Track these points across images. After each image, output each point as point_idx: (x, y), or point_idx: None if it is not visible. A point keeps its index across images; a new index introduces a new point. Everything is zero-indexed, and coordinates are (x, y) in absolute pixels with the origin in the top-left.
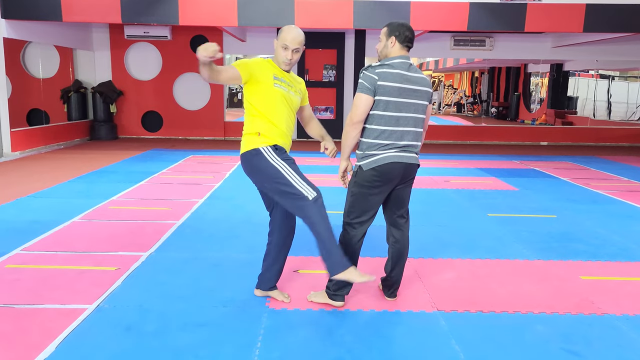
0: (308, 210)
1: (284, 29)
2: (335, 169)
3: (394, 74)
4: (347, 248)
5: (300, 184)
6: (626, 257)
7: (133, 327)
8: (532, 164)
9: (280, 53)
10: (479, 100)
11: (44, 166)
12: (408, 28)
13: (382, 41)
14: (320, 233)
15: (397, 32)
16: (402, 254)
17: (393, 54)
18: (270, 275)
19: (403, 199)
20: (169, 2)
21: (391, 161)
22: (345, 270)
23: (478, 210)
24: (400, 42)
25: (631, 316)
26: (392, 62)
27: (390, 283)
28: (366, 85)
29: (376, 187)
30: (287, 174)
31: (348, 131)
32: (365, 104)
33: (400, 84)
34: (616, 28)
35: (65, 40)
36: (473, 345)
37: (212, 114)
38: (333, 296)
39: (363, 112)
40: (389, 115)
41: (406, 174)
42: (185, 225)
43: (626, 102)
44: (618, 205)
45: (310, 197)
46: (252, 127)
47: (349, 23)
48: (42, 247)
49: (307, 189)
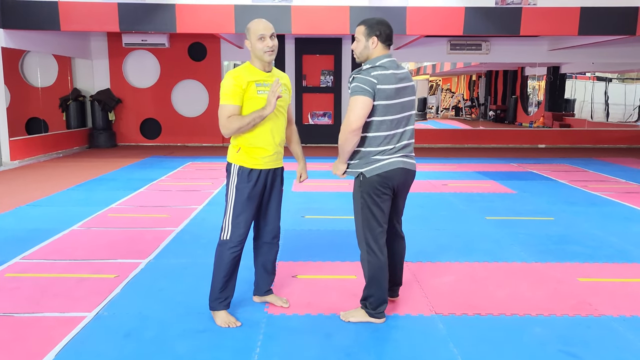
0: (218, 245)
1: (251, 24)
2: (334, 175)
3: (389, 75)
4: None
5: (229, 222)
6: (623, 258)
7: (132, 334)
8: (530, 167)
9: (259, 46)
10: (476, 103)
11: (43, 175)
12: (387, 25)
13: (360, 41)
14: (213, 270)
15: (377, 31)
16: (401, 256)
17: (376, 55)
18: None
19: (401, 208)
20: (166, 10)
21: (396, 167)
22: (217, 311)
23: (476, 214)
24: (382, 42)
25: (628, 317)
26: (383, 62)
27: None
28: (365, 88)
29: (384, 194)
30: (229, 205)
31: (348, 138)
32: (365, 106)
33: (395, 85)
34: (611, 31)
35: (64, 49)
36: (471, 348)
37: (210, 121)
38: (374, 315)
39: (363, 117)
40: (390, 119)
41: (407, 182)
42: (184, 231)
43: (623, 104)
44: (616, 207)
45: (222, 238)
46: (236, 139)
47: (345, 29)
48: (41, 256)
49: (228, 230)
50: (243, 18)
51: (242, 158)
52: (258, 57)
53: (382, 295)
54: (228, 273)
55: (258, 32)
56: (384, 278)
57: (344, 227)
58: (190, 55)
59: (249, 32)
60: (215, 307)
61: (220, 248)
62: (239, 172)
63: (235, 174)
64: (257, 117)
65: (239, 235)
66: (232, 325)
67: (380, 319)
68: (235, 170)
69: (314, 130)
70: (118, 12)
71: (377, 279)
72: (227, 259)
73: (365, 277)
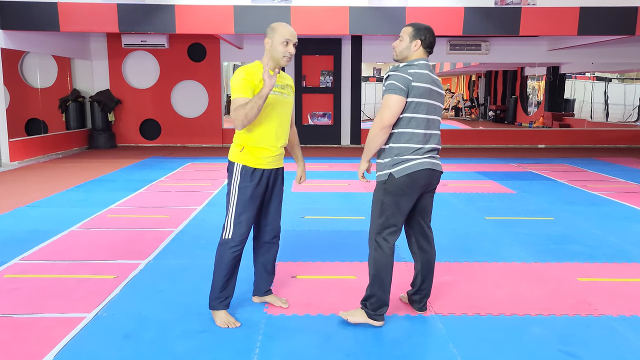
0: (219, 244)
1: (278, 26)
2: (340, 175)
3: (424, 74)
4: (381, 261)
5: (231, 221)
6: (623, 258)
7: (132, 335)
8: (530, 167)
9: (281, 49)
10: (476, 103)
11: (43, 176)
12: (433, 34)
13: (403, 40)
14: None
15: (423, 36)
16: (431, 264)
17: (414, 57)
18: (261, 280)
19: (429, 208)
20: (165, 11)
21: (424, 167)
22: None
23: (476, 214)
24: (424, 47)
25: (628, 317)
26: (419, 63)
27: (421, 296)
28: (399, 86)
29: (407, 195)
30: (231, 204)
31: (377, 134)
32: (399, 105)
33: (430, 85)
34: (610, 30)
35: (63, 50)
36: (470, 348)
37: (210, 121)
38: (374, 316)
39: (396, 115)
40: (420, 117)
41: (433, 182)
42: (184, 232)
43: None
44: (615, 207)
45: (223, 237)
46: (240, 138)
47: (345, 29)
48: (40, 257)
49: (230, 229)
50: (242, 19)
51: (246, 157)
52: (275, 59)
53: (384, 297)
54: (229, 272)
55: (284, 36)
56: (387, 278)
57: (344, 227)
58: (189, 56)
59: (274, 32)
60: (215, 306)
61: (221, 247)
62: (242, 171)
63: (238, 173)
64: (258, 98)
65: (240, 235)
66: (231, 325)
67: (379, 321)
68: (238, 170)
69: (313, 130)
70: (117, 12)
71: (380, 278)
72: (228, 259)
73: (369, 275)
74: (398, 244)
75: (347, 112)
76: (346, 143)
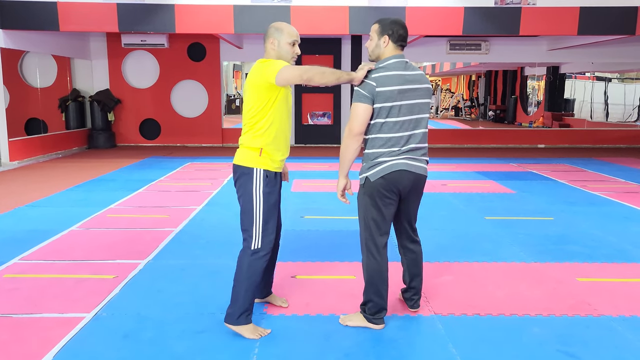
0: (242, 255)
1: (284, 26)
2: (334, 175)
3: (392, 76)
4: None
5: (259, 230)
6: (622, 258)
7: (131, 335)
8: (530, 167)
9: (289, 50)
10: (476, 103)
11: (42, 175)
12: (402, 25)
13: (372, 39)
14: (237, 281)
15: (389, 30)
16: (418, 263)
17: (386, 55)
18: (267, 282)
19: (414, 212)
20: (165, 11)
21: (400, 169)
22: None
23: (475, 214)
24: (393, 42)
25: (627, 317)
26: (387, 63)
27: (411, 294)
28: (364, 94)
29: (387, 197)
30: (257, 213)
31: (348, 144)
32: (365, 113)
33: (400, 86)
34: (610, 30)
35: (63, 49)
36: (470, 349)
37: (210, 121)
38: (373, 320)
39: (363, 123)
40: (393, 121)
41: (415, 186)
42: (183, 232)
43: (623, 104)
44: (615, 207)
45: (252, 247)
46: (256, 140)
47: (344, 29)
48: (40, 257)
49: (258, 238)
50: (242, 18)
51: (265, 161)
52: (283, 59)
53: (380, 302)
54: (258, 281)
55: (293, 36)
56: (381, 283)
57: (343, 227)
58: (189, 55)
59: (281, 32)
60: (242, 321)
61: (250, 258)
62: (265, 176)
63: (260, 179)
64: (345, 76)
65: (269, 242)
66: (264, 334)
67: (378, 325)
68: (259, 175)
69: (313, 130)
70: (117, 12)
71: (375, 284)
72: (260, 268)
73: (364, 281)
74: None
75: (347, 112)
76: None
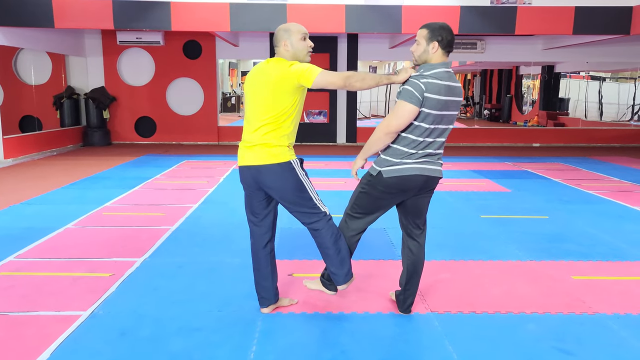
0: (322, 225)
1: (290, 26)
2: (335, 173)
3: (441, 86)
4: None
5: (319, 201)
6: (617, 256)
7: (128, 333)
8: (525, 166)
9: (303, 45)
10: (471, 102)
11: (37, 173)
12: (450, 31)
13: (420, 44)
14: (329, 248)
15: (439, 36)
16: (416, 266)
17: (434, 60)
18: (276, 284)
19: (421, 209)
20: (161, 8)
21: (414, 173)
22: (347, 283)
23: (471, 212)
24: (442, 48)
25: (622, 315)
26: (437, 72)
27: (404, 297)
28: (416, 95)
29: (390, 194)
30: (311, 191)
31: (380, 138)
32: (410, 114)
33: (445, 97)
34: (605, 30)
35: (58, 46)
36: (466, 346)
37: (205, 119)
38: (328, 286)
39: (405, 123)
40: (425, 127)
41: (426, 185)
42: (180, 230)
43: (617, 103)
44: (609, 205)
45: (328, 213)
46: (282, 138)
47: (341, 27)
48: (36, 254)
49: (323, 206)
50: (238, 16)
51: (292, 153)
52: (300, 58)
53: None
54: None
55: (302, 31)
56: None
57: None
58: (185, 53)
59: (291, 32)
60: (349, 276)
61: (331, 223)
62: (299, 164)
63: (300, 167)
64: (385, 80)
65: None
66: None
67: (330, 291)
68: (297, 165)
69: (309, 128)
70: (112, 9)
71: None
72: (337, 228)
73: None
74: (394, 242)
75: (343, 110)
76: (342, 141)
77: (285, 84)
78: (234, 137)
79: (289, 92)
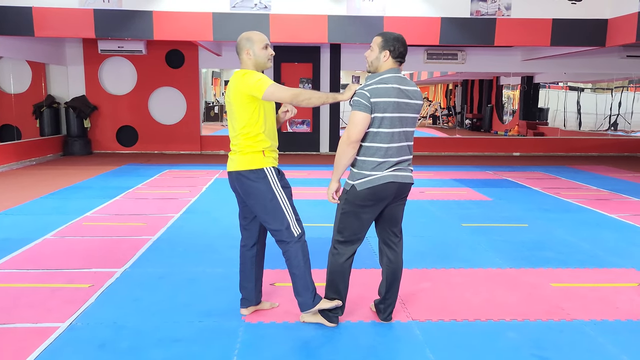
0: (290, 248)
1: (252, 34)
2: (318, 182)
3: (389, 89)
4: (335, 267)
5: (293, 220)
6: (595, 264)
7: (107, 345)
8: (505, 175)
9: (264, 54)
10: (453, 112)
11: (16, 183)
12: (403, 43)
13: (373, 51)
14: (297, 270)
15: (391, 46)
16: (396, 275)
17: (384, 68)
18: (260, 286)
19: (397, 217)
20: (143, 17)
21: (387, 181)
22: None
23: (453, 221)
24: (394, 58)
25: (599, 321)
26: (384, 77)
27: (385, 306)
28: (363, 103)
29: (368, 206)
30: (284, 206)
31: (345, 150)
32: (363, 121)
33: (396, 99)
34: (582, 42)
35: (38, 55)
36: (447, 354)
37: (188, 128)
38: (330, 317)
39: (361, 131)
40: (384, 132)
41: (400, 193)
42: (161, 240)
43: (595, 113)
44: (587, 214)
45: (296, 234)
46: (255, 144)
47: (323, 37)
48: (13, 265)
49: (296, 226)
50: (221, 26)
51: (269, 160)
52: (261, 65)
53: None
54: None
55: (264, 41)
56: (341, 285)
57: (322, 234)
58: (167, 62)
59: (252, 42)
60: (317, 300)
61: (298, 245)
62: (275, 173)
63: (274, 176)
64: (331, 98)
65: (301, 224)
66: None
67: (332, 322)
68: (271, 173)
69: (292, 138)
70: (94, 18)
71: (335, 284)
72: (307, 249)
73: (326, 278)
74: (375, 250)
75: (326, 119)
76: (325, 150)
77: (241, 96)
78: (216, 146)
79: (247, 102)
